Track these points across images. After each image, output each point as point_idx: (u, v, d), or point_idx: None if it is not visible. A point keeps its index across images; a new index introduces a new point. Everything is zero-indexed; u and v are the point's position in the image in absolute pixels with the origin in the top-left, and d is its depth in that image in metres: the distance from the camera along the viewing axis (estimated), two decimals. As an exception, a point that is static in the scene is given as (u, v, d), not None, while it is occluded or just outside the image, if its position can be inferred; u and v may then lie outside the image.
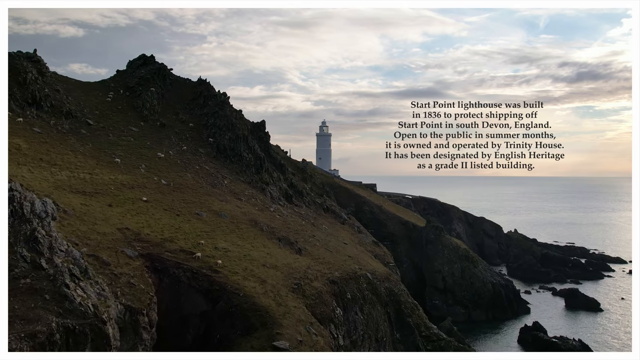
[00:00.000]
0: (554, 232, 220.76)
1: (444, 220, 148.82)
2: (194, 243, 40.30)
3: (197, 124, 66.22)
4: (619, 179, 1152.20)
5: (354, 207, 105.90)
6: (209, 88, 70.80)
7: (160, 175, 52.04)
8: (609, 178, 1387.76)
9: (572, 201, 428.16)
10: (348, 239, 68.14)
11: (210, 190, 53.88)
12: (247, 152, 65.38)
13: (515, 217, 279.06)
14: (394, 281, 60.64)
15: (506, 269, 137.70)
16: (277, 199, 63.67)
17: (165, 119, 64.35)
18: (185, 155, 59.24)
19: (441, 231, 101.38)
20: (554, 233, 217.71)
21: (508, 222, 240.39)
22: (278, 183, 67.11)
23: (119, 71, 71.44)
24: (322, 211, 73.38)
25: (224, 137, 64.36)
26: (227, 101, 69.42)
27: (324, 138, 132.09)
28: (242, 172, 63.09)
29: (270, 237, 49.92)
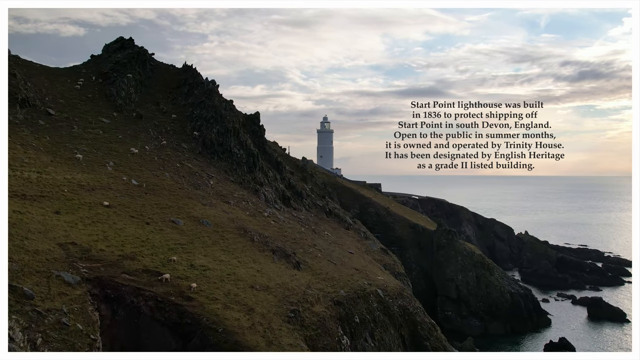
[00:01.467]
0: (564, 234, 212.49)
1: (453, 222, 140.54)
2: (163, 260, 31.77)
3: (181, 116, 57.63)
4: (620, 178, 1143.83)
5: (359, 209, 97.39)
6: (195, 75, 62.20)
7: (131, 174, 43.46)
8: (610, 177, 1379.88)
9: (578, 201, 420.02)
10: (354, 247, 59.61)
11: (191, 192, 45.30)
12: (238, 147, 56.83)
13: (522, 218, 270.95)
14: (407, 297, 52.06)
15: (519, 274, 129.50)
16: (272, 201, 55.13)
17: (143, 109, 55.74)
18: (165, 151, 50.68)
19: (454, 235, 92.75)
20: (564, 234, 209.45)
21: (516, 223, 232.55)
22: (274, 183, 58.56)
23: (93, 56, 62.81)
24: (324, 215, 64.82)
25: (211, 130, 55.80)
26: (215, 90, 60.83)
27: (325, 135, 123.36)
28: (231, 171, 54.53)
29: (262, 248, 41.36)
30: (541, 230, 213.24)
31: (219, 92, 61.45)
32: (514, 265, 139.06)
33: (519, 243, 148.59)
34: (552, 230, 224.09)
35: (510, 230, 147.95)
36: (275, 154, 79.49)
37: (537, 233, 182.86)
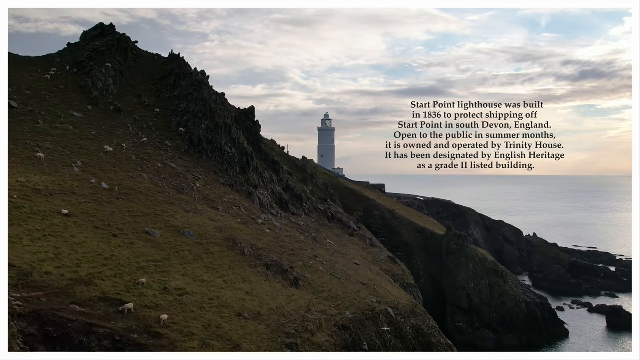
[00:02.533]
0: (572, 235, 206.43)
1: (460, 225, 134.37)
2: (128, 283, 25.61)
3: (165, 109, 51.43)
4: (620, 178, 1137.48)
5: (362, 212, 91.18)
6: (183, 65, 55.96)
7: (102, 176, 37.26)
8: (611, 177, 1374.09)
9: (582, 201, 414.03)
10: (359, 257, 53.43)
11: (173, 197, 39.10)
12: (230, 146, 50.63)
13: (528, 218, 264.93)
14: (421, 314, 45.85)
15: (530, 279, 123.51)
16: (268, 206, 48.95)
17: (122, 102, 49.54)
18: (145, 150, 44.46)
19: (464, 240, 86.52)
20: (571, 236, 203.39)
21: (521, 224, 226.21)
22: (270, 185, 52.38)
23: (70, 44, 56.56)
24: (327, 220, 58.64)
25: (200, 126, 49.59)
26: (205, 81, 54.61)
27: (326, 133, 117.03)
28: (222, 172, 48.34)
29: (254, 263, 35.17)
30: (548, 231, 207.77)
31: (209, 84, 55.23)
32: (524, 269, 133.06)
33: (528, 246, 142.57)
34: (559, 231, 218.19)
35: (519, 233, 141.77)
36: (272, 152, 73.22)
37: (545, 235, 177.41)
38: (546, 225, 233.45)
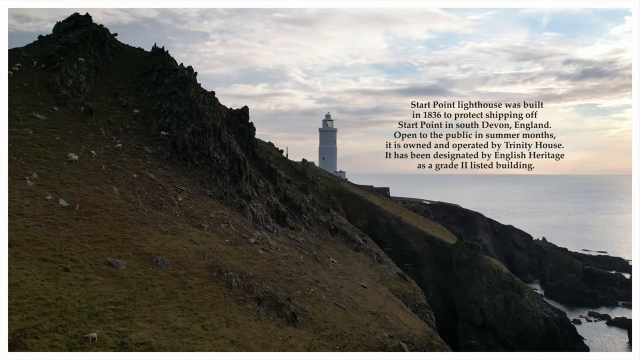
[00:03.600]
0: (580, 238, 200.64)
1: (468, 230, 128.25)
2: (73, 340, 19.48)
3: (146, 110, 45.22)
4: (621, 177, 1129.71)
5: (367, 220, 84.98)
6: (167, 60, 49.71)
7: (61, 191, 31.08)
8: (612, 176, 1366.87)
9: (586, 201, 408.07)
10: (366, 277, 47.26)
11: (148, 215, 32.92)
12: (220, 151, 44.43)
13: (534, 220, 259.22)
14: (437, 345, 39.76)
15: (541, 288, 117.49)
16: (262, 220, 42.79)
17: (95, 102, 43.30)
18: (119, 157, 38.23)
19: (477, 250, 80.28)
20: (580, 239, 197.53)
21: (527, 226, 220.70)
22: (265, 196, 46.19)
23: (41, 37, 50.33)
24: (329, 234, 52.47)
25: (185, 129, 43.37)
26: (192, 79, 48.40)
27: (328, 134, 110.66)
28: (209, 182, 42.14)
29: (243, 297, 28.98)
30: (555, 234, 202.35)
31: (197, 82, 48.97)
32: (535, 276, 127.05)
33: (539, 252, 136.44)
34: (567, 234, 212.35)
35: (529, 238, 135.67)
36: (269, 157, 67.06)
37: (553, 238, 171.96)
38: (552, 227, 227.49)
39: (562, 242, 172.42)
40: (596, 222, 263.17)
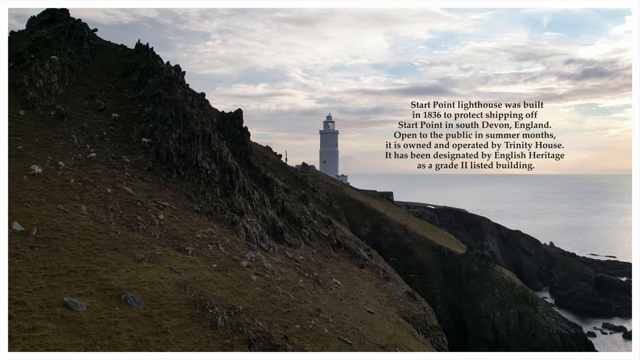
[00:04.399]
0: (587, 242, 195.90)
1: (474, 235, 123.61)
2: None
3: (126, 114, 40.35)
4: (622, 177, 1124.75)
5: (371, 228, 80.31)
6: (152, 58, 44.79)
7: (17, 211, 26.27)
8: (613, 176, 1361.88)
9: (590, 202, 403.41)
10: (373, 300, 42.45)
11: (122, 238, 28.10)
12: (209, 160, 39.59)
13: (538, 222, 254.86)
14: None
15: (551, 297, 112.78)
16: (257, 238, 37.99)
17: (68, 105, 38.46)
18: (92, 169, 33.40)
19: (488, 261, 75.53)
20: (587, 242, 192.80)
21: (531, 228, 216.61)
22: (260, 210, 41.35)
23: (13, 32, 45.42)
24: (331, 249, 47.66)
25: (170, 135, 38.54)
26: (179, 79, 43.54)
27: (329, 136, 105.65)
28: (197, 195, 37.30)
29: (230, 341, 24.13)
30: (561, 237, 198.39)
31: (185, 83, 44.08)
32: (544, 284, 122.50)
33: (547, 258, 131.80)
34: (572, 237, 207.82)
35: (537, 244, 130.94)
36: (267, 163, 62.32)
37: (560, 242, 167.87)
38: (557, 230, 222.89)
39: (569, 246, 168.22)
40: (601, 224, 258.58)
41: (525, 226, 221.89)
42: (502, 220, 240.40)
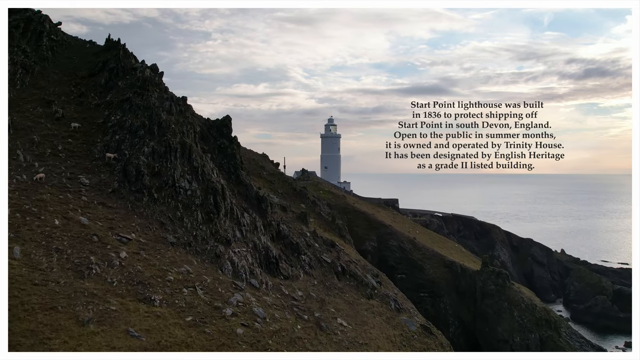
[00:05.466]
0: (597, 247, 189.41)
1: (484, 245, 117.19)
2: None
3: (89, 124, 33.67)
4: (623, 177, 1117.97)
5: (376, 242, 73.59)
6: (123, 56, 37.98)
7: None
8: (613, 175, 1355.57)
9: (594, 203, 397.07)
10: (385, 342, 35.81)
11: (64, 290, 21.43)
12: (190, 178, 32.91)
13: (544, 225, 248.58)
14: None
15: (566, 309, 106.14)
16: (246, 272, 31.35)
17: (18, 113, 31.73)
18: (38, 194, 26.70)
19: (505, 280, 68.95)
20: (596, 248, 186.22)
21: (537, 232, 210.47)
22: (252, 236, 34.69)
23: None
24: (335, 277, 41.00)
25: (141, 149, 31.89)
26: (155, 80, 36.78)
27: (330, 140, 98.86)
28: (173, 222, 30.63)
29: None
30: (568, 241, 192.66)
31: (163, 84, 37.30)
32: (557, 295, 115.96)
33: (560, 267, 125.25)
34: (581, 241, 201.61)
35: (549, 253, 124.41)
36: (262, 174, 55.63)
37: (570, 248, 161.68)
38: (565, 234, 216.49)
39: (578, 251, 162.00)
40: (609, 227, 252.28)
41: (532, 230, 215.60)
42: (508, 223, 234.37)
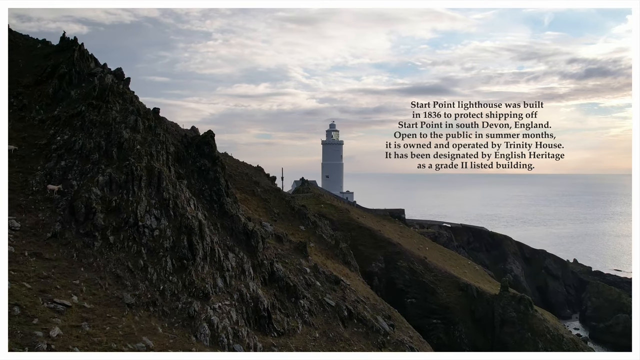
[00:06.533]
0: (606, 253, 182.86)
1: (496, 257, 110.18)
2: None
3: (28, 146, 26.18)
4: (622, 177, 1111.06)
5: (384, 262, 66.59)
6: (78, 59, 30.53)
7: None
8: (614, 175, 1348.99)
9: (600, 205, 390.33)
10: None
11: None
12: (158, 213, 25.90)
13: (551, 230, 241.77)
14: None
15: (584, 328, 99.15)
16: (228, 337, 24.34)
17: None
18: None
19: (528, 306, 62.00)
20: (607, 255, 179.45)
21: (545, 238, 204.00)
22: (237, 284, 27.66)
23: None
24: (340, 324, 33.99)
25: (94, 178, 24.81)
26: (117, 89, 29.37)
27: (332, 148, 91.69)
28: (132, 276, 23.58)
29: None
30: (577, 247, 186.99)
31: (129, 92, 30.12)
32: (573, 311, 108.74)
33: (575, 280, 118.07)
34: (590, 247, 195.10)
35: (564, 265, 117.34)
36: (256, 191, 48.67)
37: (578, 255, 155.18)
38: (572, 239, 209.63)
39: (589, 259, 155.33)
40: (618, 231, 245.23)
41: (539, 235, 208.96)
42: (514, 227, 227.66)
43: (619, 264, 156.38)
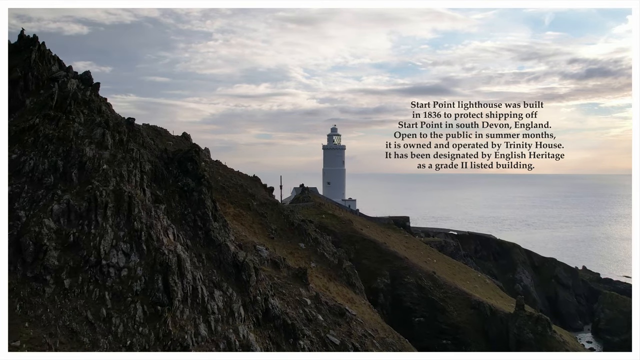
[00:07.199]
0: (613, 257, 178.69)
1: (504, 266, 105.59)
2: None
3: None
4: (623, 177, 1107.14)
5: (389, 278, 62.00)
6: (36, 61, 25.36)
7: None
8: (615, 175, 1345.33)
9: (604, 207, 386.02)
10: None
11: None
12: (127, 248, 21.32)
13: (555, 233, 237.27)
14: None
15: (596, 341, 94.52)
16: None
17: None
18: None
19: (546, 327, 57.39)
20: (613, 259, 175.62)
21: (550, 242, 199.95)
22: (224, 329, 23.01)
23: None
24: (345, 366, 29.22)
25: (47, 207, 20.29)
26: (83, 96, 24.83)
27: (334, 153, 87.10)
28: (92, 330, 18.89)
29: None
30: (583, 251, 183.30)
31: (96, 102, 25.46)
32: (584, 322, 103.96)
33: (585, 289, 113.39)
34: (596, 251, 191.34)
35: (574, 273, 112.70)
36: (251, 205, 44.14)
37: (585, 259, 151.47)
38: (578, 243, 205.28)
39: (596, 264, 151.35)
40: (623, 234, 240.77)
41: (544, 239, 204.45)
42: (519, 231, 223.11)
43: (627, 270, 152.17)
